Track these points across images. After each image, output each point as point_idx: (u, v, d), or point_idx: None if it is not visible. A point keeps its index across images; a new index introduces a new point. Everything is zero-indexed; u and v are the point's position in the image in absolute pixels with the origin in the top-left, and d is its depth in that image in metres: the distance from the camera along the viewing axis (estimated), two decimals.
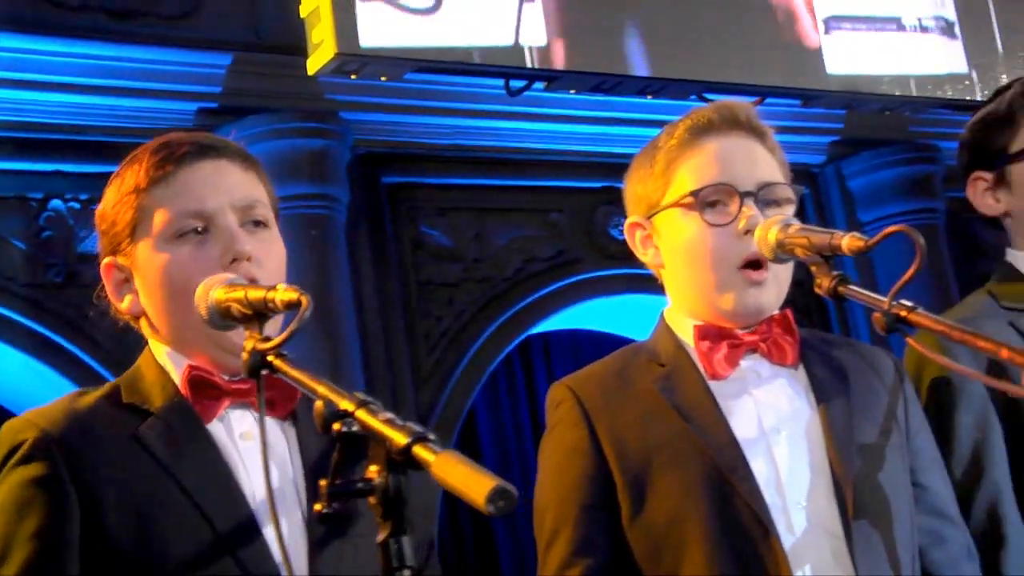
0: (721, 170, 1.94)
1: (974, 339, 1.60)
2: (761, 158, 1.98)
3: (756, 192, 1.93)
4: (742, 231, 1.90)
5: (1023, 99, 2.26)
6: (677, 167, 1.98)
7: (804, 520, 1.83)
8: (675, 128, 2.01)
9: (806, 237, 1.82)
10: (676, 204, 1.96)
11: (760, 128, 2.00)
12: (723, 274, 1.92)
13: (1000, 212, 2.32)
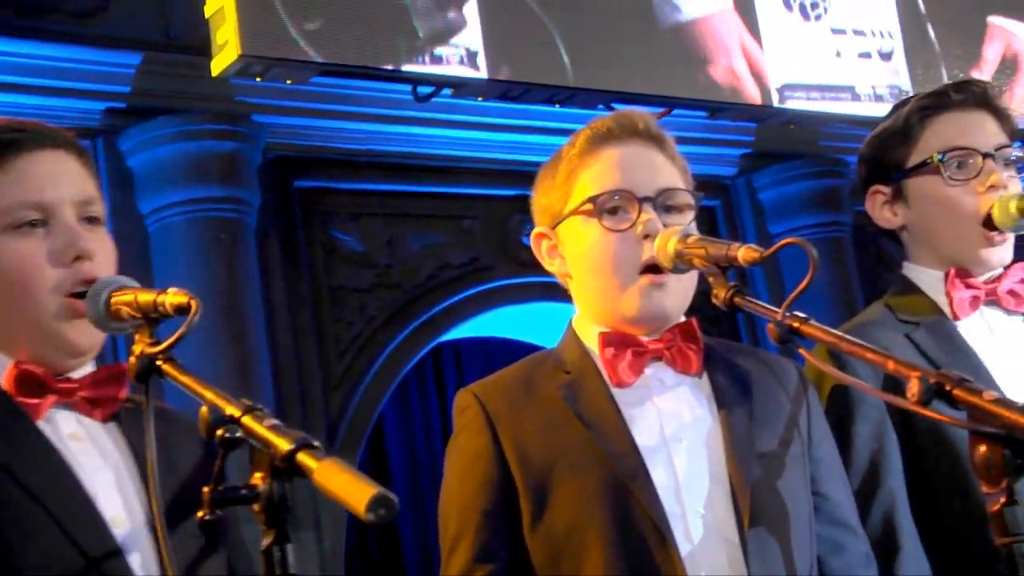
0: (620, 177, 1.96)
1: (862, 351, 1.62)
2: (660, 165, 2.00)
3: (655, 197, 1.95)
4: (641, 236, 1.92)
5: (919, 115, 2.31)
6: (578, 176, 1.99)
7: (702, 527, 1.85)
8: (576, 138, 2.03)
9: (704, 247, 1.84)
10: (577, 212, 1.98)
11: (659, 136, 2.02)
12: (624, 278, 1.94)
13: (897, 225, 2.36)
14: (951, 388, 1.45)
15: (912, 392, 1.46)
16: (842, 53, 4.15)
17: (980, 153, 2.24)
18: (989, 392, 1.42)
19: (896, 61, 4.35)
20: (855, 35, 4.27)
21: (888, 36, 4.38)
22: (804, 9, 4.04)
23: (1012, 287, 2.26)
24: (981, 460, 1.41)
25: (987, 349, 2.22)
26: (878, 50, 4.30)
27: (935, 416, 1.46)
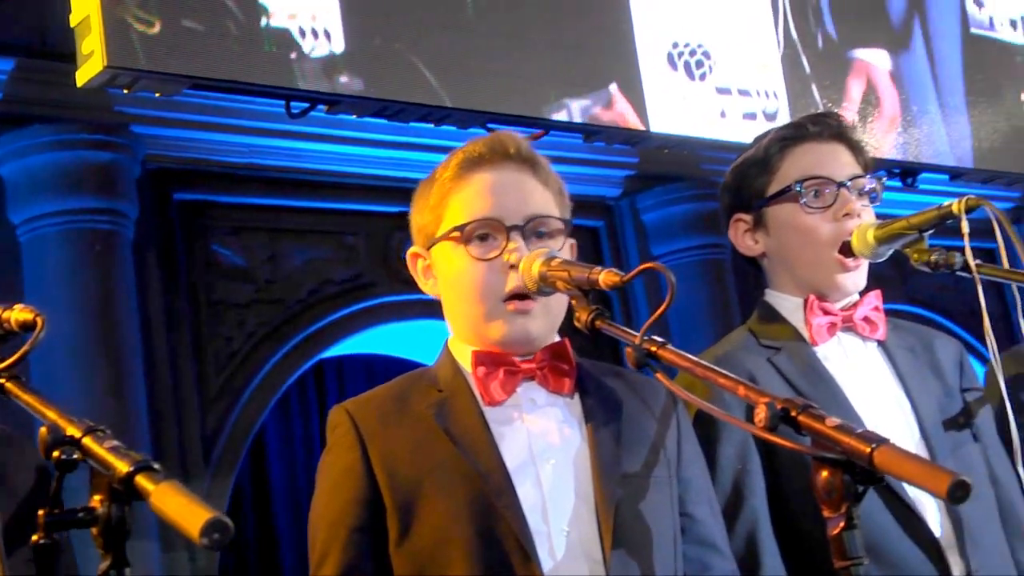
0: (490, 204, 1.98)
1: (715, 376, 1.65)
2: (532, 190, 2.02)
3: (524, 225, 1.97)
4: (507, 265, 1.94)
5: (779, 145, 2.38)
6: (450, 200, 2.01)
7: (565, 546, 1.87)
8: (449, 160, 2.04)
9: (567, 271, 1.86)
10: (446, 237, 1.99)
11: (532, 159, 2.04)
12: (489, 306, 1.96)
13: (758, 253, 2.42)
14: (796, 414, 1.48)
15: (759, 418, 1.49)
16: (727, 113, 4.17)
17: (835, 182, 2.31)
18: (831, 419, 1.45)
19: (781, 122, 4.45)
20: (740, 95, 4.30)
21: (773, 96, 4.43)
22: (689, 68, 4.04)
23: (867, 314, 2.33)
24: (823, 485, 1.44)
25: (843, 374, 2.29)
26: (763, 110, 4.35)
27: (780, 442, 1.49)
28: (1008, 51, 5.44)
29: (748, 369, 2.26)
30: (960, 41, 5.23)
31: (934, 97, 5.10)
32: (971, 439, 2.31)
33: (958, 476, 1.29)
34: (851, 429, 1.42)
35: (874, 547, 2.13)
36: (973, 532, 2.18)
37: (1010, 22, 5.46)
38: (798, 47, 4.56)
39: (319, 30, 3.34)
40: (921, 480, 1.32)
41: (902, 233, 2.21)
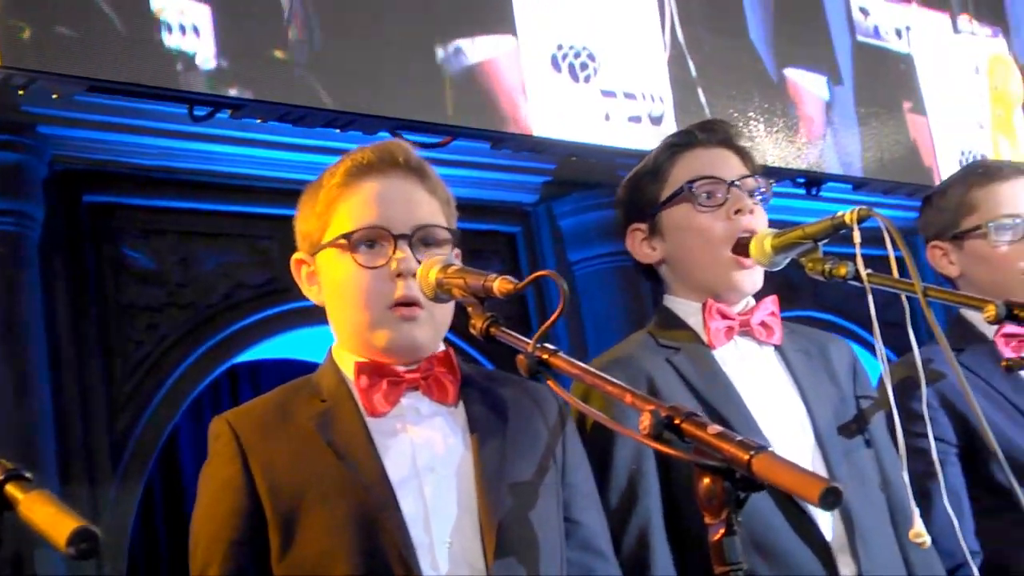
0: (377, 212, 1.98)
1: (603, 384, 1.67)
2: (420, 199, 2.02)
3: (411, 235, 1.97)
4: (394, 274, 1.94)
5: (668, 152, 2.43)
6: (336, 207, 2.00)
7: (448, 558, 1.87)
8: (337, 167, 2.04)
9: (462, 278, 1.87)
10: (332, 244, 1.98)
11: (420, 168, 2.04)
12: (375, 313, 1.96)
13: (656, 260, 2.45)
14: (680, 422, 1.50)
15: (644, 425, 1.51)
16: (612, 116, 4.12)
17: (726, 182, 2.35)
18: (713, 426, 1.47)
19: (667, 125, 4.40)
20: (626, 98, 4.26)
21: (659, 100, 4.40)
22: (573, 70, 3.99)
23: (764, 319, 2.37)
24: (704, 491, 1.46)
25: (740, 377, 2.32)
26: (648, 113, 4.32)
27: (664, 449, 1.50)
28: (893, 59, 5.52)
29: (647, 369, 2.29)
30: (850, 49, 5.29)
31: (827, 106, 5.14)
32: (864, 444, 2.36)
33: (830, 484, 1.31)
34: (731, 437, 1.43)
35: (765, 547, 2.17)
36: (864, 534, 2.22)
37: (895, 31, 5.55)
38: (684, 50, 4.53)
39: (200, 32, 3.28)
40: (795, 487, 1.34)
41: (797, 242, 2.24)
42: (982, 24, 5.88)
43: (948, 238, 2.80)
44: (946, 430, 2.59)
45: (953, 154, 5.66)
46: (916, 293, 2.05)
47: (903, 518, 2.24)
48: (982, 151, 5.72)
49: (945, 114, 5.69)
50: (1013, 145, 5.82)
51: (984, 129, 5.75)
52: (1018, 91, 5.92)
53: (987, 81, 5.87)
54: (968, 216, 2.76)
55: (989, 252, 2.72)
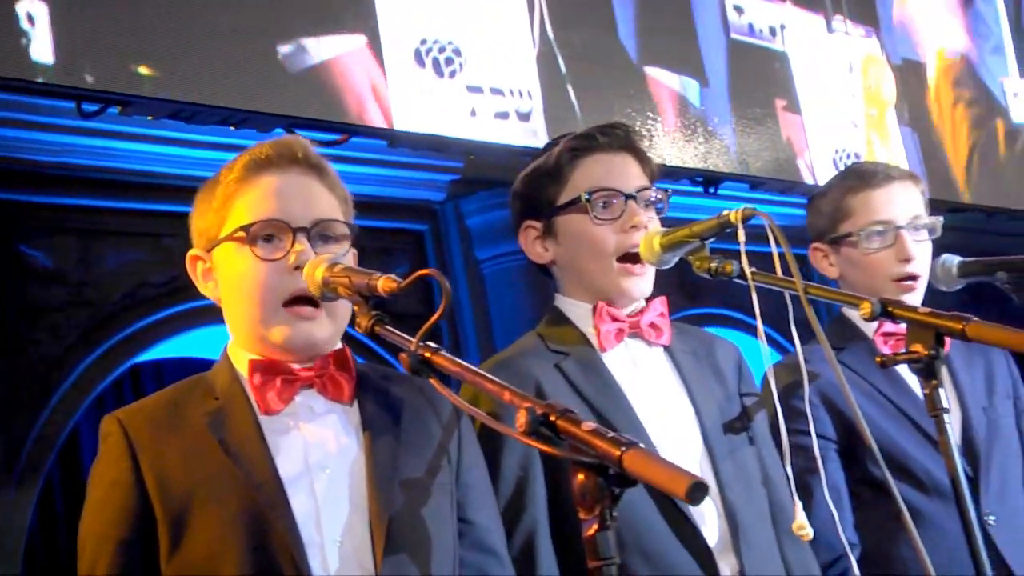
0: (276, 206, 1.97)
1: (483, 382, 1.67)
2: (318, 194, 2.01)
3: (310, 228, 1.96)
4: (292, 267, 1.93)
5: (569, 155, 2.42)
6: (234, 202, 1.99)
7: (338, 557, 1.86)
8: (235, 163, 2.02)
9: (347, 276, 1.86)
10: (231, 238, 1.97)
11: (318, 164, 2.04)
12: (271, 308, 1.95)
13: (548, 260, 2.46)
14: (555, 419, 1.51)
15: (519, 423, 1.52)
16: (478, 112, 4.03)
17: (623, 194, 2.36)
18: (587, 423, 1.48)
19: (535, 122, 4.32)
20: (492, 94, 4.17)
21: (527, 96, 4.32)
22: (438, 65, 3.90)
23: (653, 320, 2.39)
24: (578, 488, 1.47)
25: (629, 379, 2.34)
26: (516, 110, 4.23)
27: (539, 446, 1.51)
28: (768, 57, 5.53)
29: (535, 374, 2.30)
30: (724, 47, 5.26)
31: (700, 104, 5.08)
32: (748, 442, 2.39)
33: (696, 479, 1.33)
34: (604, 433, 1.45)
35: (646, 550, 2.20)
36: (747, 533, 2.26)
37: (770, 29, 5.57)
38: (554, 47, 4.46)
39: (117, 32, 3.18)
40: (662, 482, 1.36)
41: (685, 241, 2.26)
42: (856, 24, 5.93)
43: (827, 241, 2.86)
44: (827, 427, 2.65)
45: (827, 152, 5.68)
46: (797, 291, 2.08)
47: (783, 514, 2.28)
48: (856, 150, 5.74)
49: (819, 113, 5.69)
50: (886, 144, 5.87)
51: (858, 128, 5.79)
52: (891, 91, 5.99)
53: (861, 80, 5.92)
54: (843, 221, 2.82)
55: (861, 258, 2.78)
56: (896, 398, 2.65)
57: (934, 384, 1.94)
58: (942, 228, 2.82)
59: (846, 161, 5.63)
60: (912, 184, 2.83)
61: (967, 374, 2.79)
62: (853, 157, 5.67)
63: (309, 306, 1.94)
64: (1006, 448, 2.74)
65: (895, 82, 6.10)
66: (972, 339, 1.92)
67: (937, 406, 1.95)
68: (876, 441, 2.56)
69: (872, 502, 2.54)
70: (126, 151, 5.15)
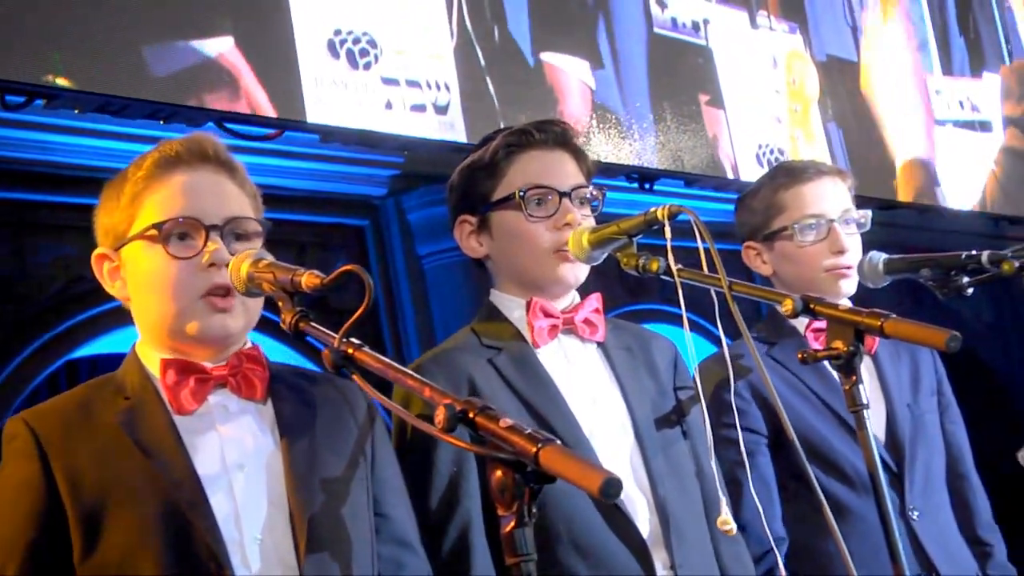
0: (188, 203, 1.95)
1: (405, 378, 1.67)
2: (230, 192, 2.00)
3: (223, 226, 1.95)
4: (206, 264, 1.92)
5: (505, 151, 2.42)
6: (143, 199, 1.97)
7: (259, 554, 1.86)
8: (143, 160, 2.00)
9: (272, 272, 1.85)
10: (141, 236, 1.95)
11: (229, 163, 2.03)
12: (186, 303, 1.93)
13: (482, 255, 2.47)
14: (474, 415, 1.51)
15: (438, 419, 1.52)
16: (393, 104, 3.95)
17: (558, 192, 2.37)
18: (505, 419, 1.48)
19: (452, 114, 4.25)
20: (408, 86, 4.07)
21: (445, 89, 4.26)
22: (352, 57, 3.82)
23: (587, 316, 2.40)
24: (496, 484, 1.48)
25: (562, 375, 2.35)
26: (433, 103, 4.15)
27: (457, 443, 1.52)
28: (691, 52, 5.49)
29: (468, 370, 2.30)
30: (646, 41, 5.19)
31: (620, 98, 5.02)
32: (681, 437, 2.41)
33: (608, 475, 1.34)
34: (521, 429, 1.45)
35: (583, 546, 2.21)
36: (679, 528, 2.27)
37: (693, 24, 5.53)
38: (472, 39, 4.39)
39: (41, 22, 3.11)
40: (577, 478, 1.37)
41: (613, 237, 2.27)
42: (780, 20, 5.91)
43: (760, 238, 2.89)
44: (757, 421, 2.68)
45: (750, 148, 5.64)
46: (722, 288, 2.10)
47: (714, 509, 2.30)
48: (780, 145, 5.70)
49: (743, 108, 5.64)
50: (809, 140, 5.86)
51: (782, 124, 5.77)
52: (815, 87, 6.00)
53: (784, 76, 5.89)
54: (776, 217, 2.85)
55: (795, 251, 2.82)
56: (824, 394, 2.69)
57: (853, 380, 1.97)
58: (873, 224, 2.87)
59: (770, 157, 5.60)
60: (840, 179, 2.88)
61: (893, 371, 2.83)
62: (777, 153, 5.63)
63: (228, 299, 1.93)
64: (930, 444, 2.79)
65: (819, 78, 6.09)
66: (890, 336, 1.94)
67: (857, 402, 1.97)
68: (804, 436, 2.61)
69: (800, 496, 2.57)
70: (58, 144, 5.08)
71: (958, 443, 2.92)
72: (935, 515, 2.72)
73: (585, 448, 2.25)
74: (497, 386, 2.29)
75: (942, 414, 2.90)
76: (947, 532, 2.75)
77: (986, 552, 2.85)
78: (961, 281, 2.53)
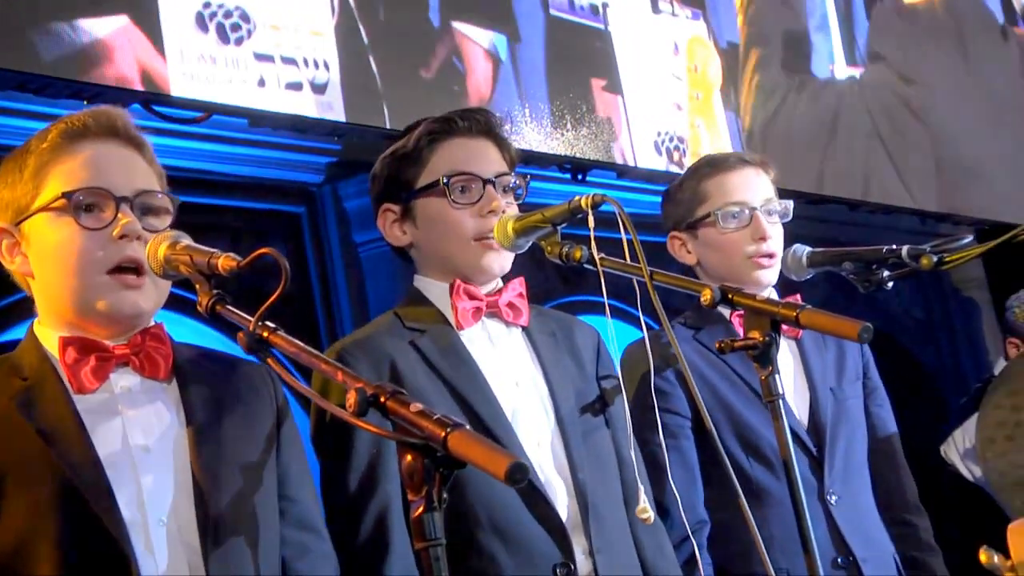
0: (96, 175, 1.93)
1: (318, 362, 1.67)
2: (139, 167, 1.98)
3: (133, 199, 1.92)
4: (117, 236, 1.89)
5: (428, 139, 2.42)
6: (49, 172, 1.93)
7: (164, 536, 1.84)
8: (48, 132, 1.96)
9: (189, 255, 1.83)
10: (47, 208, 1.91)
11: (137, 139, 2.00)
12: (94, 278, 1.90)
13: (406, 243, 2.46)
14: (385, 400, 1.51)
15: (349, 403, 1.51)
16: (267, 81, 3.73)
17: (482, 179, 2.37)
18: (416, 404, 1.48)
19: (331, 94, 4.12)
20: (284, 63, 3.83)
21: (324, 67, 4.06)
22: (223, 31, 3.59)
23: (511, 300, 2.41)
24: (406, 468, 1.47)
25: (486, 358, 2.35)
26: (311, 80, 3.96)
27: (366, 427, 1.51)
28: (589, 35, 5.23)
29: (389, 352, 2.30)
30: (543, 24, 5.00)
31: (514, 81, 4.82)
32: (603, 424, 2.42)
33: (515, 460, 1.34)
34: (430, 414, 1.45)
35: (502, 529, 2.21)
36: (599, 513, 2.29)
37: (591, 7, 5.39)
38: (356, 16, 4.22)
39: None
40: (484, 463, 1.37)
41: (537, 226, 2.28)
42: (682, 6, 5.77)
43: (684, 228, 2.93)
44: (681, 404, 2.71)
45: (649, 135, 5.42)
46: (644, 277, 2.11)
47: (634, 496, 2.31)
48: (679, 133, 5.52)
49: (641, 94, 5.42)
50: (711, 128, 5.69)
51: (682, 111, 5.66)
52: (717, 74, 5.88)
53: (686, 62, 5.73)
54: (700, 206, 2.89)
55: (719, 238, 2.85)
56: (749, 378, 2.71)
57: (770, 371, 1.99)
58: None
59: (669, 145, 5.43)
60: (763, 170, 2.93)
61: (818, 356, 2.87)
62: (676, 141, 5.45)
63: (133, 275, 1.90)
64: (852, 428, 2.83)
65: (721, 65, 5.90)
66: (805, 326, 1.97)
67: (773, 392, 2.00)
68: (729, 421, 2.65)
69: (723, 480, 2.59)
70: None
71: (884, 425, 2.96)
72: (854, 499, 2.76)
73: (507, 431, 2.25)
74: (419, 368, 2.29)
75: (867, 397, 2.95)
76: (866, 516, 2.79)
77: (910, 533, 2.89)
78: (882, 275, 2.56)
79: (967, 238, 2.54)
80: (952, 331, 8.31)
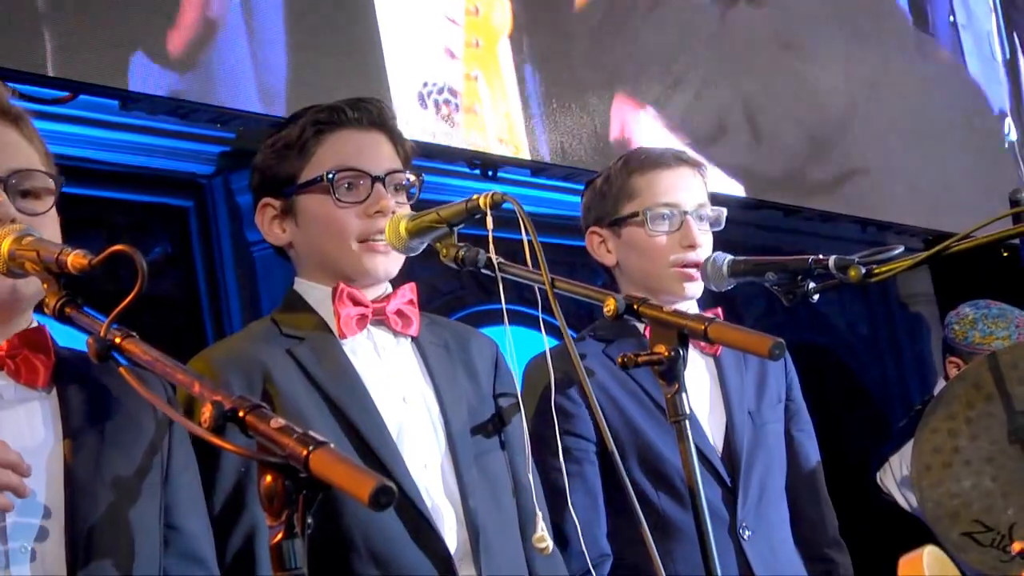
0: None
1: (175, 372, 1.64)
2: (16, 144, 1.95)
3: (6, 179, 1.90)
4: None
5: (314, 129, 2.39)
6: None
7: (27, 567, 1.80)
8: None
9: (35, 251, 1.80)
10: None
11: (14, 112, 1.96)
12: None
13: (285, 242, 2.43)
14: (244, 414, 1.49)
15: (204, 418, 1.49)
16: None
17: (371, 176, 2.35)
18: (277, 420, 1.45)
19: None
20: None
21: None
22: None
23: (400, 308, 2.39)
24: (265, 491, 1.44)
25: (370, 370, 2.33)
26: None
27: (223, 444, 1.48)
28: None
29: (263, 362, 2.27)
30: None
31: (246, 28, 4.52)
32: (498, 446, 2.41)
33: (381, 483, 1.32)
34: (292, 431, 1.42)
35: (382, 558, 2.20)
36: (490, 542, 2.27)
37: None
38: None
39: None
40: (347, 485, 1.34)
41: (432, 226, 2.26)
42: None
43: (606, 224, 2.90)
44: (586, 427, 2.69)
45: (412, 86, 4.83)
46: (544, 284, 2.10)
47: (531, 524, 2.31)
48: (451, 84, 4.95)
49: (403, 38, 4.83)
50: (493, 82, 5.03)
51: (456, 60, 4.97)
52: (504, 19, 4.92)
53: (463, 3, 5.05)
54: (627, 202, 2.87)
55: (644, 240, 2.83)
56: (660, 398, 2.70)
57: (676, 388, 1.97)
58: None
59: (437, 97, 4.95)
60: (699, 172, 2.91)
61: (737, 375, 2.86)
62: (447, 93, 4.94)
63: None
64: (769, 456, 2.83)
65: (512, 9, 5.26)
66: (713, 340, 1.96)
67: (679, 412, 1.97)
68: (635, 445, 2.64)
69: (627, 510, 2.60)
70: None
71: (805, 452, 2.96)
72: (768, 533, 2.75)
73: (391, 451, 2.24)
74: (296, 379, 2.27)
75: (789, 421, 2.94)
76: (780, 552, 2.79)
77: (829, 571, 2.91)
78: (807, 287, 2.56)
79: (898, 248, 2.55)
80: (898, 348, 8.43)
